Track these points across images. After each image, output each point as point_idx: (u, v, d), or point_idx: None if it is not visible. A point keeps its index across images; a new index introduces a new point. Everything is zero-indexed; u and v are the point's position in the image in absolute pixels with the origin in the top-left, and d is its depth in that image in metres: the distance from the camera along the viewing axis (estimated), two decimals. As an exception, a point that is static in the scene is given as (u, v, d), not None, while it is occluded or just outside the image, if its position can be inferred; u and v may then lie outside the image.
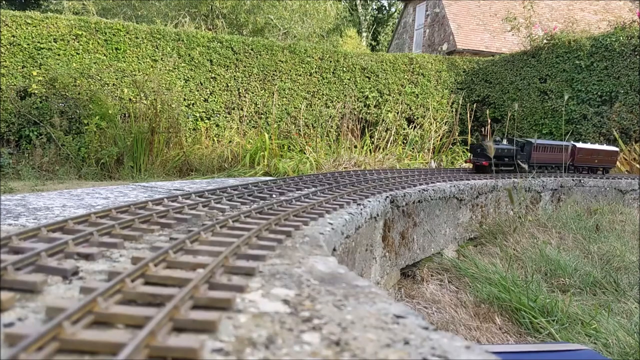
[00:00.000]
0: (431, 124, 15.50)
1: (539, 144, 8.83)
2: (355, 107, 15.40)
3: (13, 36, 12.19)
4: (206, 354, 1.15)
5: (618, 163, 12.71)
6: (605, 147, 10.76)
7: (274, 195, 3.82)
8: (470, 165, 8.70)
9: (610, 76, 13.88)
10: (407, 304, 4.80)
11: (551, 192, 8.81)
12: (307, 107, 14.77)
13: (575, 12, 24.39)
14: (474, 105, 16.06)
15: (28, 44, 12.27)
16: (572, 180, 9.24)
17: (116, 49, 13.07)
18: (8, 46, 12.12)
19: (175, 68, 13.62)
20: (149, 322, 1.19)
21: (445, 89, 16.60)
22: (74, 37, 12.70)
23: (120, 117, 12.14)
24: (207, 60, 13.97)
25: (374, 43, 41.64)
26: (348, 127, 13.79)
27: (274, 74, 14.61)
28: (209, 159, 11.89)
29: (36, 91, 11.83)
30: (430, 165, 13.20)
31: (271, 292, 1.64)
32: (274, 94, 14.34)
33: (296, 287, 1.70)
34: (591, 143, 12.37)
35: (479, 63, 16.96)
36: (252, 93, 14.32)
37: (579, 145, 10.01)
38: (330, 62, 15.28)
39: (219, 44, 14.11)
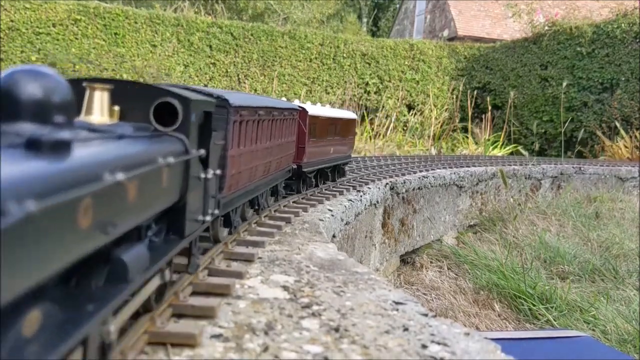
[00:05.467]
0: (431, 110, 15.42)
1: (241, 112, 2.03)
2: (355, 93, 15.33)
3: (12, 21, 12.10)
4: (205, 339, 1.15)
5: (620, 150, 12.64)
6: (344, 113, 5.36)
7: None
8: None
9: (611, 63, 13.81)
10: (407, 291, 4.81)
11: (551, 180, 8.81)
12: (307, 93, 14.71)
13: (577, -2, 24.17)
14: (475, 92, 15.97)
15: (27, 29, 12.18)
16: (572, 167, 9.24)
17: (115, 34, 12.98)
18: (7, 31, 12.03)
19: (174, 53, 13.53)
20: (148, 308, 1.18)
21: (446, 75, 16.51)
22: (73, 22, 12.61)
23: (120, 103, 12.09)
24: (207, 45, 13.89)
25: (374, 29, 41.34)
26: (348, 114, 13.71)
27: (273, 60, 14.53)
28: (209, 145, 11.86)
29: (35, 76, 11.77)
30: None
31: (270, 278, 1.64)
32: (273, 80, 14.28)
33: (295, 274, 1.70)
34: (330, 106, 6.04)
35: (479, 50, 16.86)
36: (252, 79, 14.26)
37: (312, 111, 3.73)
38: (331, 48, 15.19)
39: (218, 29, 14.01)
